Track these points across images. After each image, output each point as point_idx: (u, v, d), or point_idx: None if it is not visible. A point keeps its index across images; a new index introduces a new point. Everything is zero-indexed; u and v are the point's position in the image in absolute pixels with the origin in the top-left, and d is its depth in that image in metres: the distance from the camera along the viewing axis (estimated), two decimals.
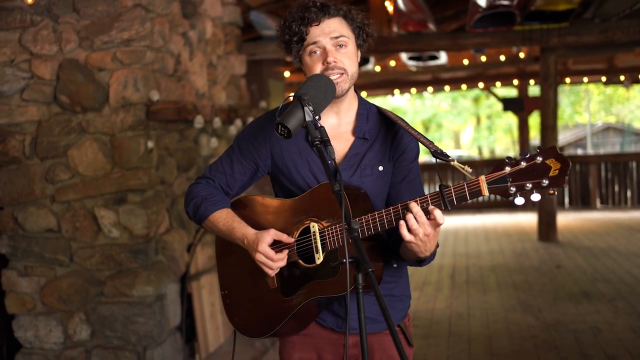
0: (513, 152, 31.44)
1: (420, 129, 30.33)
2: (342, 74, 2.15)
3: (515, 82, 14.45)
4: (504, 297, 6.95)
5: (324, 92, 2.04)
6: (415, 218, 1.98)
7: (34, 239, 4.68)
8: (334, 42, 2.15)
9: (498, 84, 14.93)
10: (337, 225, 2.09)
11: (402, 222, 1.98)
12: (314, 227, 2.13)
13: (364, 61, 9.46)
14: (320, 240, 2.13)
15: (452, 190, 1.96)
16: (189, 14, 5.30)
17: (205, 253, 5.43)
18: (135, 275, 4.61)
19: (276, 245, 2.18)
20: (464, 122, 34.54)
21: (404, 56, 9.68)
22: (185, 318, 5.09)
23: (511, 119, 29.74)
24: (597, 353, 5.11)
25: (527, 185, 1.87)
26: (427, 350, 5.39)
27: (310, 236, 2.15)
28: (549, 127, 10.18)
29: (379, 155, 2.26)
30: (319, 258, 2.12)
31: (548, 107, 10.18)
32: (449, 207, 1.95)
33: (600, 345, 5.29)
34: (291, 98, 2.02)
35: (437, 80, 14.63)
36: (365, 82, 14.93)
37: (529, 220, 12.46)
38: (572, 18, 7.19)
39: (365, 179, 2.23)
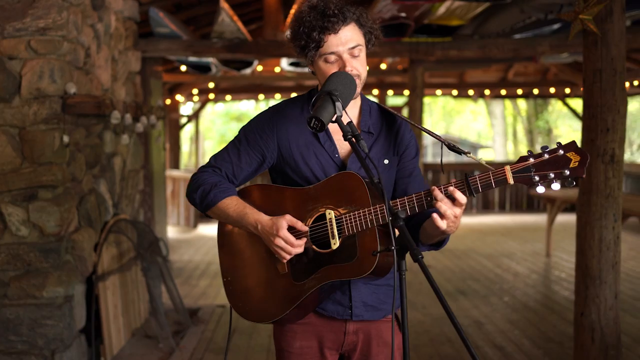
0: None
1: None
2: (357, 78, 2.24)
3: (375, 91, 15.05)
4: None
5: (349, 89, 2.15)
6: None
7: None
8: (349, 52, 2.23)
9: None
10: (357, 212, 2.17)
11: (435, 215, 2.10)
12: (330, 214, 2.21)
13: (246, 64, 9.43)
14: (337, 227, 2.20)
15: (477, 179, 2.10)
16: (97, 6, 5.13)
17: (110, 253, 5.25)
18: (46, 275, 4.38)
19: (291, 231, 2.23)
20: None
21: (284, 61, 9.81)
22: (87, 320, 4.91)
23: None
24: (486, 344, 5.53)
25: (550, 174, 2.05)
26: None
27: (325, 223, 2.22)
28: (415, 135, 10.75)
29: (384, 149, 2.38)
30: (335, 243, 2.20)
31: (415, 116, 10.75)
32: (474, 194, 2.09)
33: (487, 336, 5.73)
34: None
35: (300, 87, 14.90)
36: (230, 86, 14.90)
37: None
38: (455, 33, 7.70)
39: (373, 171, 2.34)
